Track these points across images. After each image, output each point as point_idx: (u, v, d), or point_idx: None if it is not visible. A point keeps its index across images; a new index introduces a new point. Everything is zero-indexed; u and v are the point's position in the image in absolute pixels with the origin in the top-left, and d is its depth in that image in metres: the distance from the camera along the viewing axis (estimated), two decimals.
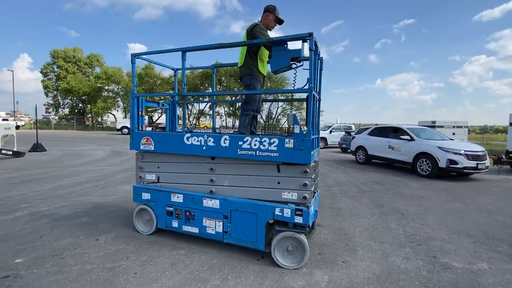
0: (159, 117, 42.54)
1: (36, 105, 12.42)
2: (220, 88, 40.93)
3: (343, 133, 16.10)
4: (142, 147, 3.13)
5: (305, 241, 2.49)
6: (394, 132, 9.20)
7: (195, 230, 2.94)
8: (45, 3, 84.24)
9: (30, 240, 2.98)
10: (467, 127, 14.53)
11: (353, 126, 18.98)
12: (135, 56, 3.17)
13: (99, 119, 42.71)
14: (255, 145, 2.56)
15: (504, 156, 8.77)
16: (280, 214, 2.51)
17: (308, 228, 2.59)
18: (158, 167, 3.15)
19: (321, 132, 20.85)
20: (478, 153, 7.26)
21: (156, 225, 3.15)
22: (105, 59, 44.90)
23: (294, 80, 3.03)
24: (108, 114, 41.20)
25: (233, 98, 35.52)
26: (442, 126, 13.36)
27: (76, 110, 41.23)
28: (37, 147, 11.43)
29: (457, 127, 13.80)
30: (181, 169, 3.04)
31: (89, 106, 40.14)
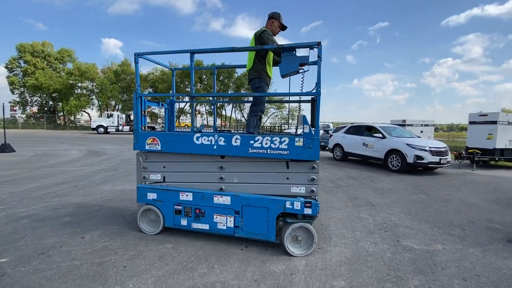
0: None
1: (3, 103, 11.68)
2: (200, 86, 40.50)
3: (322, 131, 16.71)
4: (147, 147, 3.10)
5: (314, 230, 2.74)
6: (368, 130, 9.78)
7: (205, 226, 3.02)
8: None
9: (12, 241, 2.96)
10: (433, 125, 15.67)
11: (331, 125, 19.70)
12: (138, 55, 3.11)
13: (72, 118, 40.63)
14: (266, 144, 2.75)
15: (464, 152, 9.64)
16: (291, 207, 2.73)
17: (315, 218, 2.84)
18: (164, 167, 3.15)
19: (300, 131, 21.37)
20: (441, 149, 7.96)
21: (163, 225, 3.16)
22: (78, 54, 42.83)
23: (302, 84, 3.15)
24: (82, 112, 39.29)
25: (214, 98, 34.90)
26: (411, 125, 14.33)
27: (46, 108, 38.93)
28: (5, 148, 10.81)
29: (425, 125, 14.87)
30: (189, 168, 3.09)
31: (60, 104, 38.04)
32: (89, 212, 3.97)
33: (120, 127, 28.94)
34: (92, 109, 40.02)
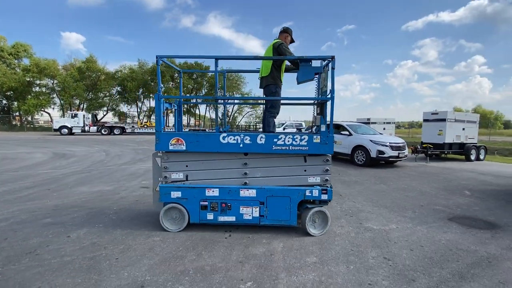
0: (103, 116, 39.23)
1: None
2: (173, 84, 39.56)
3: (295, 129, 17.41)
4: (171, 147, 3.19)
5: (328, 213, 3.24)
6: (336, 128, 10.51)
7: (231, 218, 3.28)
8: None
9: None
10: (394, 123, 17.10)
11: (303, 123, 20.57)
12: (160, 57, 3.17)
13: (30, 118, 37.46)
14: (288, 141, 3.13)
15: (419, 146, 10.78)
16: (310, 194, 3.19)
17: (329, 202, 3.32)
18: (187, 166, 3.28)
19: (277, 129, 22.03)
20: (399, 145, 8.89)
21: (188, 221, 3.30)
22: (35, 49, 39.33)
23: (316, 89, 3.69)
24: (42, 112, 36.36)
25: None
26: (375, 122, 15.54)
27: None
28: None
29: (387, 123, 16.21)
30: (212, 166, 3.28)
31: (16, 103, 34.84)
32: (70, 213, 3.98)
33: (87, 128, 27.32)
34: (53, 108, 37.20)
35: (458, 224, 3.76)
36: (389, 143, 8.73)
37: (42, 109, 34.95)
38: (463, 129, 11.11)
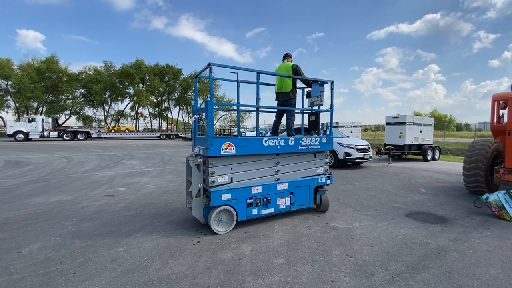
0: (66, 120, 36.60)
1: None
2: (143, 87, 38.13)
3: (269, 133, 17.65)
4: (222, 152, 3.34)
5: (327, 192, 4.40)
6: (306, 131, 10.86)
7: (270, 210, 3.82)
8: None
9: None
10: (360, 126, 18.10)
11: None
12: (212, 65, 3.29)
13: None
14: (308, 142, 4.07)
15: (382, 148, 11.50)
16: (321, 181, 4.32)
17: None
18: (231, 169, 3.50)
19: (250, 132, 22.12)
20: (364, 147, 9.41)
21: (236, 220, 3.52)
22: None
23: (320, 103, 4.51)
24: None
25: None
26: (343, 126, 16.33)
27: None
28: None
29: (354, 126, 17.11)
30: (253, 167, 3.68)
31: None
32: (22, 226, 3.66)
33: (46, 133, 25.29)
34: (7, 112, 33.93)
35: (414, 219, 4.07)
36: (355, 145, 9.21)
37: None
38: (421, 131, 12.07)
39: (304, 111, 5.02)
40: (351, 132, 16.24)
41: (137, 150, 15.96)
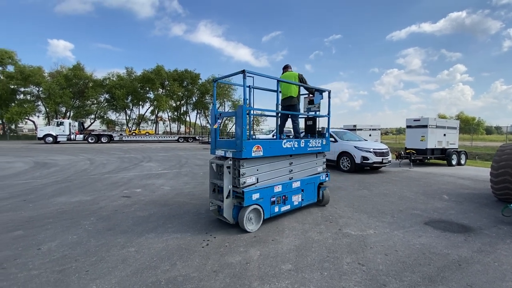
0: (91, 124, 38.47)
1: None
2: (163, 92, 39.34)
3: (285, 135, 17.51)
4: (253, 154, 3.56)
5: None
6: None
7: (288, 207, 4.18)
8: None
9: None
10: (380, 129, 17.47)
11: (292, 130, 20.72)
12: (246, 72, 3.50)
13: (13, 127, 36.32)
14: (313, 144, 4.59)
15: (402, 152, 11.03)
16: (322, 179, 4.86)
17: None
18: (257, 170, 3.73)
19: (265, 135, 22.14)
20: (383, 151, 9.07)
21: (263, 218, 3.75)
22: (20, 56, 38.45)
23: (318, 109, 5.16)
24: (26, 120, 35.34)
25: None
26: (361, 129, 15.85)
27: None
28: None
29: (372, 129, 16.54)
30: (273, 167, 3.98)
31: None
32: (44, 224, 3.86)
33: (73, 136, 26.70)
34: (38, 116, 36.23)
35: (434, 228, 3.84)
36: (373, 149, 8.90)
37: (26, 117, 34.00)
38: (444, 134, 11.46)
39: (307, 116, 5.37)
40: (370, 135, 15.74)
41: (156, 152, 16.43)
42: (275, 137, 4.90)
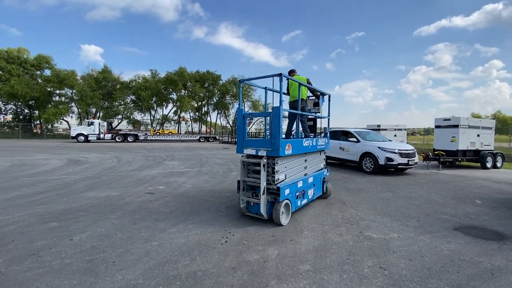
0: (118, 124, 40.45)
1: None
2: (185, 93, 40.44)
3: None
4: (286, 152, 3.84)
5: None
6: (344, 135, 10.39)
7: (305, 201, 4.55)
8: None
9: (2, 244, 3.10)
10: (406, 129, 16.68)
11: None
12: (284, 76, 3.79)
13: (50, 126, 39.16)
14: (321, 142, 5.10)
15: (431, 154, 10.45)
16: (326, 174, 5.38)
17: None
18: (285, 167, 4.02)
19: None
20: (409, 152, 8.66)
21: (291, 212, 4.05)
22: (56, 61, 41.41)
23: (319, 111, 5.72)
24: (61, 120, 37.96)
25: (199, 103, 35.70)
26: (385, 129, 15.22)
27: (21, 117, 37.34)
28: None
29: (398, 129, 15.83)
30: (295, 165, 4.30)
31: (37, 112, 36.63)
32: (75, 217, 4.13)
33: (102, 135, 28.28)
34: (71, 117, 38.84)
35: (464, 234, 3.61)
36: (398, 150, 8.53)
37: (61, 118, 36.52)
38: (478, 135, 10.70)
39: (307, 117, 5.69)
40: (395, 135, 15.09)
41: (178, 152, 16.93)
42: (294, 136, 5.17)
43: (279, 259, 2.83)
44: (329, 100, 5.57)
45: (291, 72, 5.56)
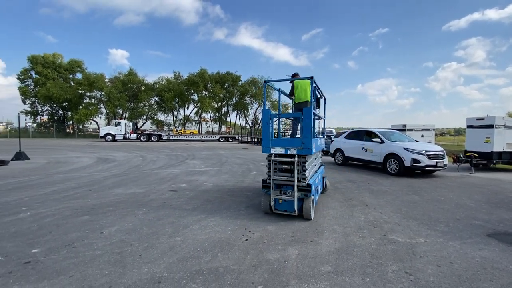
0: (143, 124, 42.12)
1: (19, 114, 12.36)
2: (206, 93, 41.27)
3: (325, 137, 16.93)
4: (313, 151, 4.24)
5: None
6: (367, 135, 10.08)
7: (318, 196, 4.91)
8: (19, 8, 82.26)
9: (40, 235, 3.37)
10: (434, 129, 15.80)
11: (334, 130, 19.97)
12: (313, 80, 4.41)
13: (81, 127, 41.70)
14: (322, 142, 5.53)
15: (462, 155, 9.84)
16: (322, 170, 5.74)
17: None
18: (309, 165, 4.34)
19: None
20: (437, 153, 8.22)
21: (314, 206, 4.43)
22: (86, 65, 44.13)
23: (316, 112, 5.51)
24: (91, 121, 40.28)
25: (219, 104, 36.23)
26: (412, 129, 14.53)
27: (55, 118, 40.10)
28: (20, 156, 11.37)
29: (425, 130, 15.03)
30: (312, 163, 4.62)
31: (70, 113, 39.17)
32: (105, 212, 4.38)
33: (128, 135, 29.64)
34: (100, 117, 41.09)
35: (498, 241, 3.37)
36: (425, 151, 8.12)
37: (91, 118, 38.73)
38: None
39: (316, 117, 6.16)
40: (422, 136, 14.37)
41: (199, 151, 17.33)
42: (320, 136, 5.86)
43: (300, 259, 2.82)
44: (324, 103, 6.16)
45: (295, 75, 5.76)
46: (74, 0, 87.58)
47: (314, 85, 4.61)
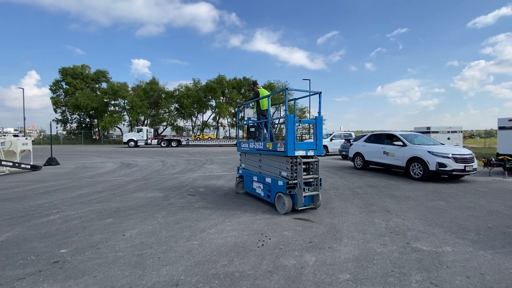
0: (163, 130, 43.49)
1: (51, 121, 13.25)
2: (223, 99, 41.93)
3: (343, 140, 16.57)
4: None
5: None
6: (389, 138, 9.73)
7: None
8: (50, 24, 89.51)
9: (68, 236, 3.56)
10: (461, 131, 14.94)
11: (353, 134, 19.47)
12: (320, 94, 4.98)
13: (106, 133, 43.82)
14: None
15: (493, 159, 9.21)
16: None
17: None
18: None
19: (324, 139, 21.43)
20: (466, 156, 7.75)
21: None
22: (111, 74, 46.49)
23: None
24: (115, 128, 42.24)
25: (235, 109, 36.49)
26: (437, 132, 13.83)
27: (83, 125, 42.46)
28: (51, 161, 12.15)
29: (452, 132, 14.24)
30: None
31: (96, 120, 41.34)
32: (127, 215, 4.54)
33: (149, 141, 30.71)
34: (123, 124, 43.01)
35: None
36: (452, 154, 7.69)
37: (115, 125, 40.61)
38: None
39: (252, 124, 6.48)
40: (448, 138, 13.65)
41: (217, 156, 17.57)
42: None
43: (317, 266, 2.75)
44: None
45: (257, 84, 6.65)
46: (98, 14, 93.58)
47: (320, 99, 5.10)
